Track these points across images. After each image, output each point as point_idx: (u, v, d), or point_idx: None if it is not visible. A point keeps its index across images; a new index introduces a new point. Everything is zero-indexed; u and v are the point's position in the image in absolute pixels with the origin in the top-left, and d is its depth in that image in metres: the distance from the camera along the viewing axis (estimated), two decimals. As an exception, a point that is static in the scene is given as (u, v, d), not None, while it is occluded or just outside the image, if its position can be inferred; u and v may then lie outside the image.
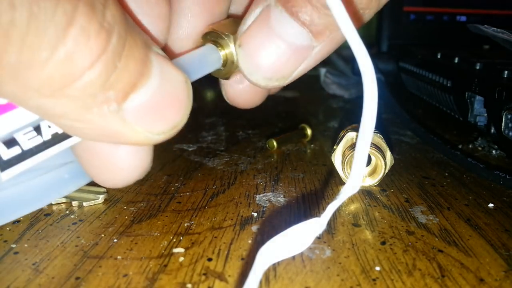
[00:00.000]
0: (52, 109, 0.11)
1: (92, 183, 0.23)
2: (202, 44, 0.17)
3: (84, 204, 0.21)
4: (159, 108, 0.13)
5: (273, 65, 0.15)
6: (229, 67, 0.17)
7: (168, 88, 0.13)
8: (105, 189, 0.22)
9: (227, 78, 0.18)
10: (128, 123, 0.12)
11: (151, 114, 0.13)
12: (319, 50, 0.15)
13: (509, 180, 0.23)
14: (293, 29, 0.15)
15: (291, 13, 0.14)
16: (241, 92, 0.20)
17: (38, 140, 0.13)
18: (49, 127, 0.13)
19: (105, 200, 0.22)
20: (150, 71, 0.13)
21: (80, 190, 0.22)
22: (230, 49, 0.16)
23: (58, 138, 0.13)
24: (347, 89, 0.50)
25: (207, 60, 0.16)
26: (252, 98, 0.20)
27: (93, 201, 0.21)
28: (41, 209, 0.21)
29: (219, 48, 0.16)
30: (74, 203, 0.21)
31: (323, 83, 0.53)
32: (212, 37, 0.17)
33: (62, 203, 0.21)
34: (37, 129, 0.13)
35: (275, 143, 0.30)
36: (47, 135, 0.13)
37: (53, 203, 0.21)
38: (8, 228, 0.19)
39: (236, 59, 0.16)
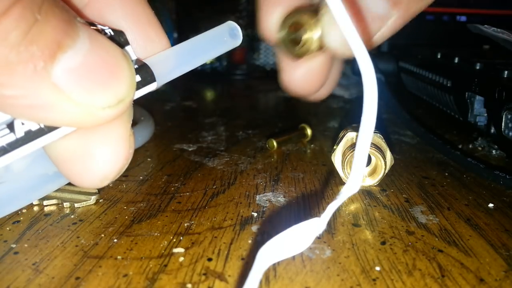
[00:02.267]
0: None
1: None
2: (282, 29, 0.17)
3: (76, 205, 0.21)
4: (96, 75, 0.12)
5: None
6: (307, 47, 0.17)
7: (103, 54, 0.12)
8: (96, 190, 0.22)
9: (299, 57, 0.18)
10: (62, 91, 0.12)
11: (88, 80, 0.12)
12: (395, 20, 0.17)
13: (509, 180, 0.23)
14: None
15: None
16: (300, 77, 0.20)
17: (11, 138, 0.12)
18: (23, 124, 0.12)
19: (97, 200, 0.22)
20: (77, 33, 0.12)
21: (71, 191, 0.22)
22: (311, 26, 0.17)
23: (31, 136, 0.12)
24: (347, 89, 0.50)
25: (226, 38, 0.17)
26: (309, 83, 0.21)
27: (84, 202, 0.21)
28: (41, 209, 0.21)
29: (301, 29, 0.17)
30: (66, 204, 0.21)
31: (323, 83, 0.53)
32: (293, 19, 0.17)
33: (53, 204, 0.21)
34: (10, 126, 0.12)
35: (275, 143, 0.30)
36: (20, 132, 0.12)
37: (44, 204, 0.21)
38: (8, 228, 0.19)
39: (316, 37, 0.17)
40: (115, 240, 0.18)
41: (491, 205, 0.21)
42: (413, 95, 0.42)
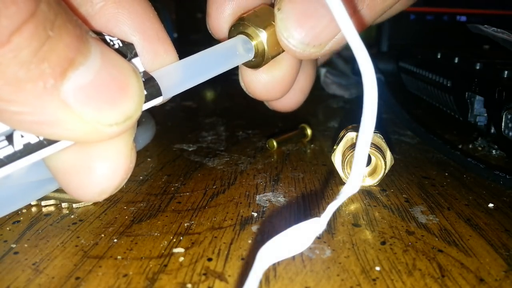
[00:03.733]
0: None
1: None
2: (232, 36, 0.17)
3: (74, 205, 0.21)
4: (105, 93, 0.12)
5: (312, 29, 0.16)
6: (260, 58, 0.17)
7: (114, 72, 0.12)
8: None
9: (256, 68, 0.18)
10: (71, 108, 0.12)
11: (97, 98, 0.12)
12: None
13: (509, 180, 0.23)
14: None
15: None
16: (263, 83, 0.20)
17: (9, 150, 0.12)
18: (22, 136, 0.12)
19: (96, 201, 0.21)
20: (89, 49, 0.12)
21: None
22: (260, 38, 0.16)
23: (30, 149, 0.12)
24: (347, 89, 0.50)
25: (238, 52, 0.16)
26: (274, 88, 0.20)
27: (82, 203, 0.21)
28: (40, 210, 0.21)
29: (250, 38, 0.16)
30: (64, 205, 0.21)
31: (323, 83, 0.53)
32: (242, 27, 0.17)
33: (51, 205, 0.21)
34: (9, 139, 0.12)
35: (275, 143, 0.30)
36: (19, 145, 0.12)
37: (42, 204, 0.21)
38: (8, 228, 0.19)
39: (267, 49, 0.16)
40: (115, 240, 0.18)
41: (491, 205, 0.21)
42: (413, 95, 0.42)
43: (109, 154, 0.14)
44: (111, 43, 0.14)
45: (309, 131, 0.32)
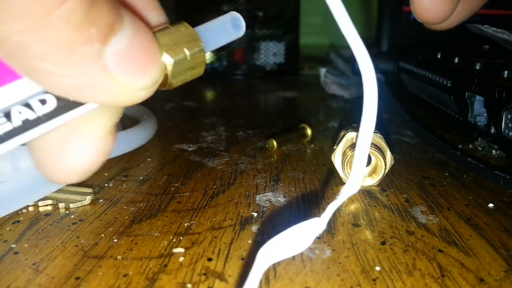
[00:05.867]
0: (35, 45, 0.11)
1: (79, 184, 0.23)
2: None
3: (71, 205, 0.21)
4: (137, 58, 0.13)
5: None
6: None
7: (143, 38, 0.13)
8: (91, 190, 0.22)
9: None
10: (110, 73, 0.12)
11: (131, 63, 0.13)
12: None
13: (509, 180, 0.23)
14: None
15: None
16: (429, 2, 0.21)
17: (8, 127, 0.12)
18: (20, 113, 0.12)
19: (92, 201, 0.21)
20: (123, 16, 0.12)
21: (66, 191, 0.22)
22: None
23: (28, 125, 0.13)
24: (347, 89, 0.50)
25: (226, 29, 0.16)
26: (438, 9, 0.22)
27: (79, 203, 0.21)
28: (37, 210, 0.21)
29: None
30: (61, 205, 0.21)
31: (323, 83, 0.53)
32: None
33: (48, 205, 0.21)
34: (7, 116, 0.12)
35: (275, 143, 0.30)
36: (17, 121, 0.12)
37: (39, 205, 0.21)
38: (8, 228, 0.19)
39: None
40: (115, 240, 0.18)
41: (491, 205, 0.21)
42: (413, 95, 0.42)
43: (84, 135, 0.14)
44: None
45: (309, 131, 0.32)
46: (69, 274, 0.15)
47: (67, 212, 0.20)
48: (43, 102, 0.12)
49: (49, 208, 0.21)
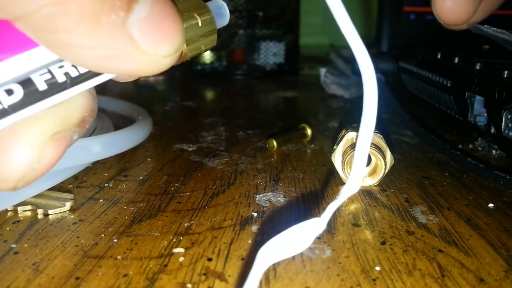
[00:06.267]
0: (62, 18, 0.11)
1: (59, 188, 0.22)
2: None
3: (50, 212, 0.20)
4: (160, 26, 0.13)
5: None
6: None
7: (163, 6, 0.13)
8: (72, 196, 0.21)
9: None
10: (135, 41, 0.12)
11: (155, 30, 0.13)
12: None
13: (509, 180, 0.23)
14: None
15: None
16: (451, 4, 0.21)
17: (15, 99, 0.12)
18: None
19: (71, 207, 0.21)
20: None
21: (46, 197, 0.21)
22: None
23: (35, 98, 0.12)
24: (347, 89, 0.50)
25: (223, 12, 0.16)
26: (460, 11, 0.22)
27: (58, 209, 0.20)
28: (16, 215, 0.21)
29: None
30: (39, 211, 0.20)
31: (323, 83, 0.53)
32: None
33: (27, 210, 0.20)
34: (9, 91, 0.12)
35: (275, 143, 0.30)
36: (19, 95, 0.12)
37: (19, 210, 0.20)
38: (8, 228, 0.19)
39: None
40: (115, 240, 0.18)
41: (491, 205, 0.21)
42: (413, 95, 0.42)
43: (20, 140, 0.13)
44: None
45: (309, 131, 0.32)
46: (69, 274, 0.15)
47: (67, 212, 0.20)
48: (9, 92, 0.12)
49: (29, 213, 0.20)
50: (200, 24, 0.15)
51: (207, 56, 0.67)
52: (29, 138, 0.13)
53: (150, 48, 0.13)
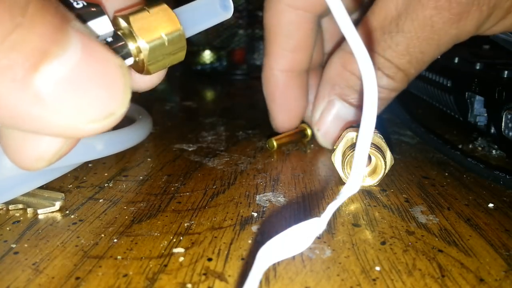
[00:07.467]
0: None
1: (59, 188, 0.23)
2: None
3: (39, 211, 0.20)
4: (85, 88, 0.11)
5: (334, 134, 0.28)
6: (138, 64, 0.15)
7: (96, 66, 0.12)
8: (62, 195, 0.21)
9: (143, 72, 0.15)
10: (46, 103, 0.11)
11: (75, 94, 0.11)
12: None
13: (509, 180, 0.23)
14: (347, 109, 0.26)
15: (347, 101, 0.26)
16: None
17: None
18: None
19: (60, 207, 0.21)
20: (68, 40, 0.11)
21: (38, 196, 0.21)
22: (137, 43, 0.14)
23: None
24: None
25: (214, 10, 0.15)
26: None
27: (48, 208, 0.20)
28: (7, 213, 0.21)
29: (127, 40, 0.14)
30: (29, 210, 0.20)
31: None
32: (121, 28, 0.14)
33: (19, 209, 0.21)
34: None
35: (275, 143, 0.30)
36: None
37: (10, 208, 0.20)
38: (8, 228, 0.19)
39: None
40: (115, 240, 0.18)
41: (491, 205, 0.21)
42: (413, 95, 0.42)
43: None
44: (75, 3, 0.13)
45: (309, 131, 0.32)
46: (69, 274, 0.15)
47: (67, 212, 0.20)
48: None
49: (20, 212, 0.20)
50: (166, 44, 0.14)
51: (207, 56, 0.67)
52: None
53: (66, 111, 0.11)
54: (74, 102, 0.11)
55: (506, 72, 0.27)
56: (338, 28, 0.14)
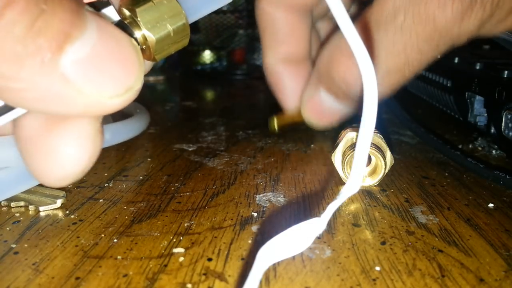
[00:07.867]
0: None
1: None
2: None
3: (40, 209, 0.20)
4: (104, 66, 0.12)
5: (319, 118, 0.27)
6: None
7: (111, 45, 0.12)
8: (64, 193, 0.22)
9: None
10: (72, 82, 0.12)
11: (96, 72, 0.12)
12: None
13: (509, 180, 0.23)
14: (329, 98, 0.25)
15: (330, 91, 0.25)
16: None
17: None
18: None
19: (62, 204, 0.21)
20: (85, 23, 0.12)
21: (39, 193, 0.21)
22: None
23: None
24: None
25: None
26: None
27: (50, 206, 0.20)
28: (9, 210, 0.21)
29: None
30: (31, 207, 0.20)
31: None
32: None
33: (21, 206, 0.21)
34: None
35: (276, 125, 0.29)
36: None
37: (12, 205, 0.21)
38: (8, 228, 0.19)
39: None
40: (115, 240, 0.18)
41: (491, 205, 0.21)
42: (413, 95, 0.42)
43: (74, 137, 0.14)
44: None
45: None
46: (69, 274, 0.15)
47: (67, 212, 0.20)
48: None
49: (22, 209, 0.21)
50: (172, 34, 0.14)
51: (207, 56, 0.67)
52: (85, 134, 0.14)
53: (90, 89, 0.12)
54: (96, 79, 0.12)
55: (506, 72, 0.27)
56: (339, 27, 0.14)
